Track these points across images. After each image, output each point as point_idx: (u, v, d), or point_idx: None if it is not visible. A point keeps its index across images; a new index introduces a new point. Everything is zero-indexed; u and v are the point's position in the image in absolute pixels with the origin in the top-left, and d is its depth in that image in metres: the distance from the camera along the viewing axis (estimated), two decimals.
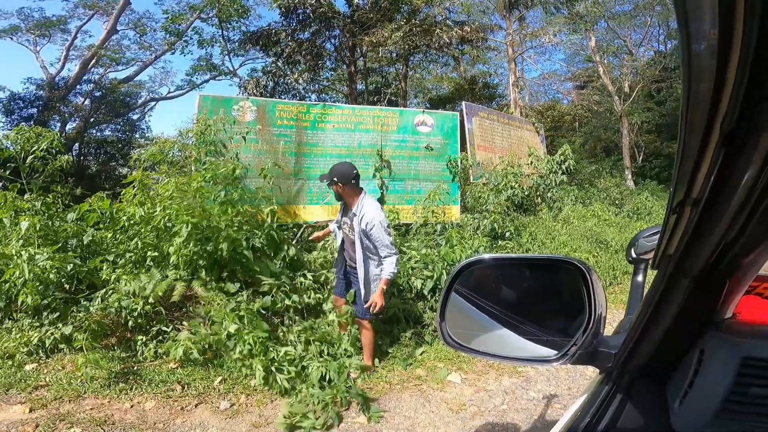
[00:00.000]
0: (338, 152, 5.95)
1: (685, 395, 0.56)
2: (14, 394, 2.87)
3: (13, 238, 3.31)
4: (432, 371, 3.46)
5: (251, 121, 5.53)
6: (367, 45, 11.04)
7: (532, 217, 6.84)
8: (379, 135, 6.17)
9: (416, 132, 6.38)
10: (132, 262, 3.63)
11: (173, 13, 13.69)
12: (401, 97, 14.01)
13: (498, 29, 14.26)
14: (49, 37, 16.37)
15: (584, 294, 0.77)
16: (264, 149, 5.51)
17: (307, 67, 12.21)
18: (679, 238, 0.47)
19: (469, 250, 4.60)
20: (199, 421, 2.75)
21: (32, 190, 3.88)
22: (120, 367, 3.17)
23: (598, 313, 0.74)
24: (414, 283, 4.19)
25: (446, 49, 12.36)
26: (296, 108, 5.99)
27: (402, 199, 6.09)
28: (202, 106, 5.30)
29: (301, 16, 11.60)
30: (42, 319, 3.29)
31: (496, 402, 3.08)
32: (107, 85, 15.73)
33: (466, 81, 17.25)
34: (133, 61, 17.19)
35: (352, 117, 6.20)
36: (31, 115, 12.97)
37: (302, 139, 5.80)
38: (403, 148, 6.27)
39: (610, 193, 9.91)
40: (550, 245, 5.98)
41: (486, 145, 7.49)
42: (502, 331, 0.86)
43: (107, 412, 2.75)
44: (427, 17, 11.68)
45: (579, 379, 3.33)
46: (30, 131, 3.80)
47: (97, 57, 14.64)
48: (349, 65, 13.14)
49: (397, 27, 10.66)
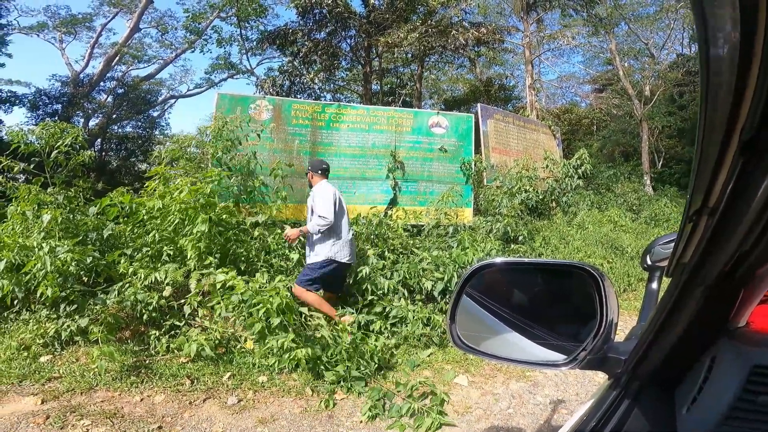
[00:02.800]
0: (352, 152, 5.96)
1: (693, 401, 0.56)
2: (27, 386, 2.93)
3: (35, 230, 3.39)
4: (439, 373, 3.43)
5: (267, 119, 5.59)
6: (383, 45, 11.05)
7: (546, 222, 6.73)
8: (393, 136, 6.16)
9: (430, 133, 6.35)
10: (149, 256, 3.69)
11: (194, 11, 13.95)
12: (416, 98, 13.98)
13: (515, 31, 14.11)
14: (74, 34, 16.82)
15: (596, 300, 0.77)
16: (279, 148, 5.55)
17: (323, 66, 12.29)
18: (695, 246, 0.47)
19: (481, 252, 4.55)
20: (207, 416, 2.77)
21: (55, 184, 3.98)
22: (132, 361, 3.22)
23: (609, 319, 0.74)
24: (424, 285, 4.16)
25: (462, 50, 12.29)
26: (312, 107, 6.03)
27: (415, 201, 6.06)
28: (220, 104, 5.37)
29: (317, 16, 11.67)
30: (59, 311, 3.36)
31: (503, 405, 3.04)
32: (129, 82, 16.09)
33: (481, 83, 17.12)
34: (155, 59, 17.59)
35: (367, 117, 6.21)
36: (56, 111, 13.27)
37: (317, 139, 5.83)
38: (417, 150, 6.25)
39: (627, 199, 9.69)
40: (563, 250, 5.88)
41: (501, 148, 7.41)
42: (511, 334, 0.87)
43: (117, 405, 2.79)
44: (443, 18, 11.63)
45: (588, 385, 3.28)
46: (54, 127, 3.89)
47: (120, 55, 14.99)
48: (364, 65, 13.17)
49: (413, 28, 10.64)
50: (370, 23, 11.56)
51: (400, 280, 4.21)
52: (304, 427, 2.71)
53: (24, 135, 3.90)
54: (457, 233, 5.29)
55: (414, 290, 4.25)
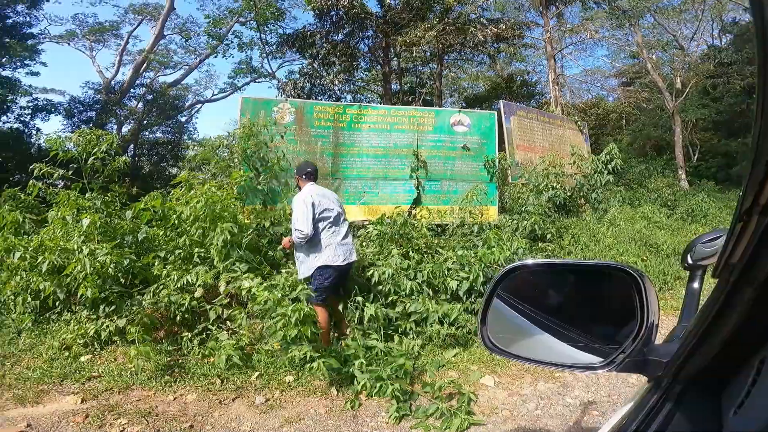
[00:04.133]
0: (374, 152, 5.96)
1: (740, 405, 0.54)
2: (68, 385, 3.05)
3: (75, 234, 3.54)
4: (465, 373, 3.39)
5: (290, 122, 5.65)
6: (401, 45, 11.03)
7: (575, 219, 6.53)
8: (415, 135, 6.12)
9: (452, 132, 6.28)
10: (181, 258, 3.79)
11: (214, 17, 14.31)
12: (436, 97, 13.87)
13: (535, 26, 13.80)
14: (103, 42, 17.54)
15: (636, 301, 0.75)
16: (302, 150, 5.60)
17: (342, 68, 12.37)
18: (745, 246, 0.46)
19: (507, 251, 4.44)
20: (236, 415, 2.81)
21: (93, 189, 4.15)
22: (166, 360, 3.32)
23: (650, 321, 0.73)
24: (449, 284, 4.10)
25: (481, 47, 12.16)
26: (333, 109, 6.05)
27: (438, 200, 6.00)
28: (244, 108, 5.47)
29: (334, 17, 11.75)
30: (98, 312, 3.49)
31: (530, 407, 2.98)
32: (158, 88, 16.68)
33: (502, 79, 16.84)
34: (180, 64, 18.17)
35: (388, 117, 6.19)
36: (90, 118, 13.77)
37: (339, 140, 5.85)
38: (439, 148, 6.19)
39: (661, 194, 9.28)
40: (594, 248, 5.68)
41: (525, 145, 7.25)
42: (544, 336, 0.86)
43: (152, 403, 2.87)
44: (461, 16, 11.51)
45: (620, 386, 3.17)
46: (91, 134, 4.07)
47: (147, 61, 15.51)
48: (383, 65, 13.17)
49: (430, 26, 10.56)
50: (387, 23, 11.56)
51: (424, 280, 4.16)
52: (329, 427, 2.73)
53: (62, 142, 4.08)
54: (482, 232, 5.21)
55: (438, 290, 4.20)
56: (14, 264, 3.50)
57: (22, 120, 12.36)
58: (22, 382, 3.03)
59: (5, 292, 3.64)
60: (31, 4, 11.88)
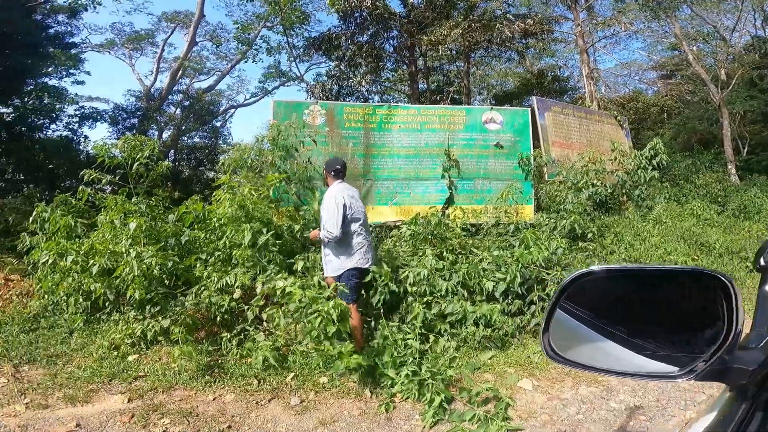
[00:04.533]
0: (405, 152, 5.91)
1: None
2: (116, 384, 3.15)
3: (123, 237, 3.67)
4: (501, 376, 3.30)
5: (321, 124, 5.68)
6: (426, 44, 10.93)
7: (617, 217, 6.23)
8: (446, 134, 6.03)
9: (485, 130, 6.15)
10: (220, 260, 3.87)
11: (242, 22, 14.68)
12: (464, 95, 13.67)
13: (564, 20, 13.34)
14: (141, 50, 18.34)
15: (722, 307, 0.72)
16: (334, 152, 5.62)
17: (369, 69, 12.41)
18: None
19: (546, 251, 4.27)
20: (272, 416, 2.83)
21: (138, 194, 4.31)
22: (207, 360, 3.38)
23: (737, 328, 0.70)
24: (485, 285, 3.98)
25: (509, 43, 11.91)
26: (363, 110, 6.05)
27: (471, 199, 5.88)
28: (276, 112, 5.56)
29: (358, 19, 11.79)
30: (145, 312, 3.61)
31: (571, 411, 2.86)
32: (193, 94, 17.24)
33: (533, 75, 16.38)
34: (213, 70, 18.76)
35: (418, 117, 6.13)
36: (134, 125, 14.21)
37: (370, 141, 5.84)
38: (471, 147, 6.07)
39: (710, 190, 8.72)
40: (639, 247, 5.40)
41: (561, 141, 7.02)
42: (609, 344, 0.83)
43: (193, 403, 2.93)
44: (486, 12, 11.29)
45: (669, 391, 2.99)
46: (134, 140, 4.24)
47: (182, 68, 16.08)
48: (409, 65, 13.11)
49: (455, 24, 10.42)
50: (411, 22, 11.51)
51: (459, 281, 4.07)
52: (362, 429, 2.71)
53: (108, 149, 4.26)
54: (518, 231, 5.05)
55: (474, 291, 4.10)
56: (67, 266, 3.66)
57: (70, 128, 12.97)
58: (73, 381, 3.14)
59: (58, 293, 3.83)
60: (72, 14, 12.33)
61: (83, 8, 12.21)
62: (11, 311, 4.13)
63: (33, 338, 3.73)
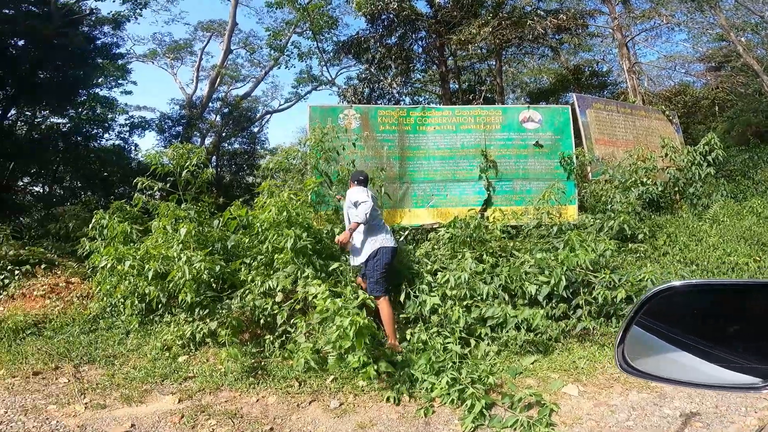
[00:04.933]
0: (441, 154, 5.84)
1: None
2: (168, 385, 3.27)
3: (174, 242, 3.83)
4: (544, 381, 3.18)
5: (356, 127, 5.72)
6: (455, 43, 10.79)
7: (670, 217, 5.86)
8: (482, 135, 5.91)
9: (522, 129, 5.99)
10: (263, 264, 3.96)
11: (273, 29, 15.05)
12: (497, 94, 13.37)
13: (599, 14, 12.76)
14: (181, 59, 19.23)
15: None
16: (369, 155, 5.64)
17: (399, 70, 12.39)
18: None
19: (593, 253, 4.08)
20: (312, 419, 2.85)
21: (186, 200, 4.50)
22: (251, 362, 3.45)
23: None
24: (528, 289, 3.85)
25: (541, 39, 11.57)
26: (397, 112, 6.04)
27: (510, 201, 5.73)
28: (312, 116, 5.65)
29: (386, 21, 11.82)
30: (194, 315, 3.74)
31: (620, 417, 2.72)
32: (232, 101, 17.85)
33: (569, 71, 15.79)
34: (248, 77, 19.35)
35: (453, 118, 6.05)
36: (178, 133, 14.83)
37: (405, 143, 5.81)
38: (508, 147, 5.92)
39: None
40: (695, 248, 5.04)
41: (606, 139, 6.72)
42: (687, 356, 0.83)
43: (238, 405, 3.00)
44: (515, 9, 10.99)
45: (729, 397, 2.82)
46: (182, 148, 4.43)
47: (220, 76, 16.71)
48: (439, 65, 12.99)
49: (485, 22, 10.22)
50: (439, 22, 11.41)
51: (500, 284, 3.97)
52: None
53: (159, 157, 4.47)
54: (561, 233, 4.85)
55: (515, 294, 3.99)
56: (124, 270, 3.86)
57: (122, 137, 13.83)
58: (129, 381, 3.29)
59: (116, 296, 4.05)
60: (115, 26, 12.97)
61: (126, 19, 12.91)
62: (72, 312, 4.40)
63: (92, 339, 3.96)
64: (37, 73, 10.38)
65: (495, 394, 2.97)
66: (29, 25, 9.43)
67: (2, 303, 4.57)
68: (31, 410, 2.87)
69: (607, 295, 3.71)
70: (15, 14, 9.89)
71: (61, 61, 10.71)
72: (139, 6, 12.93)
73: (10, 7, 9.92)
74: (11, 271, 4.86)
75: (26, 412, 2.85)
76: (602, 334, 3.73)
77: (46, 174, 12.03)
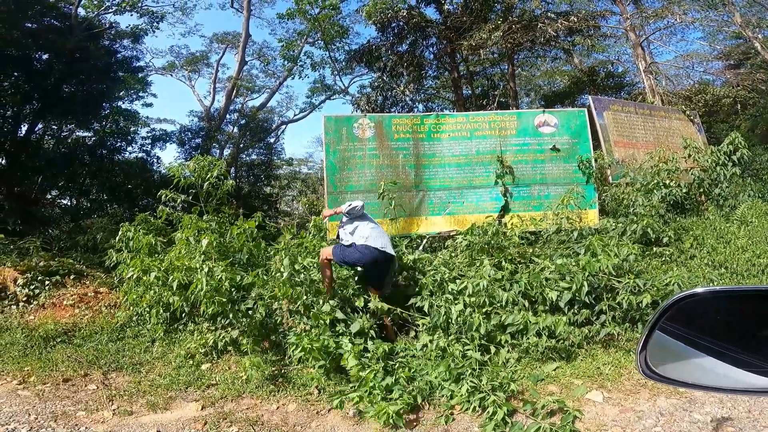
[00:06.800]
0: (456, 161, 5.83)
1: None
2: (191, 392, 3.33)
3: (197, 253, 3.92)
4: (567, 388, 3.11)
5: (371, 136, 5.76)
6: (466, 49, 10.79)
7: (695, 219, 5.69)
8: (497, 140, 5.89)
9: (538, 133, 5.94)
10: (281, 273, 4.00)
11: (286, 40, 15.32)
12: (511, 98, 13.29)
13: (610, 15, 12.60)
14: (198, 71, 19.69)
15: None
16: (384, 164, 5.68)
17: (411, 77, 12.46)
18: None
19: (615, 258, 3.99)
20: (331, 426, 2.86)
21: (208, 211, 4.60)
22: (271, 370, 3.48)
23: None
24: (549, 295, 3.78)
25: (554, 42, 11.46)
26: (410, 120, 6.07)
27: (528, 206, 5.67)
28: (327, 126, 5.72)
29: (396, 29, 11.90)
30: (216, 324, 3.81)
31: (648, 424, 2.65)
32: (248, 113, 18.16)
33: (583, 73, 15.58)
34: (263, 88, 19.68)
35: (467, 124, 6.05)
36: (198, 145, 15.04)
37: (420, 151, 5.83)
38: (525, 152, 5.88)
39: None
40: (723, 251, 4.89)
41: (625, 141, 6.61)
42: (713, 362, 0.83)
43: (258, 412, 3.02)
44: (525, 12, 10.93)
45: (762, 401, 2.72)
46: (204, 161, 4.54)
47: (236, 88, 17.03)
48: (451, 71, 13.01)
49: (495, 27, 10.20)
50: (449, 29, 11.45)
51: (520, 291, 3.91)
52: None
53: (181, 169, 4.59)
54: (582, 238, 4.76)
55: (536, 301, 3.92)
56: (150, 281, 3.97)
57: (144, 149, 14.13)
58: (155, 388, 3.36)
59: (142, 305, 4.15)
60: (134, 39, 13.32)
61: (144, 33, 13.27)
62: (100, 321, 4.53)
63: (120, 347, 4.06)
64: (62, 87, 10.69)
65: (516, 401, 2.92)
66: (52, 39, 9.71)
67: (33, 312, 4.73)
68: (61, 416, 2.95)
69: (631, 300, 3.63)
70: (38, 28, 10.14)
71: (85, 74, 11.01)
72: (156, 19, 13.34)
73: (33, 21, 10.18)
74: (41, 282, 5.02)
75: (56, 418, 2.93)
76: (628, 339, 3.64)
77: (74, 187, 12.41)
